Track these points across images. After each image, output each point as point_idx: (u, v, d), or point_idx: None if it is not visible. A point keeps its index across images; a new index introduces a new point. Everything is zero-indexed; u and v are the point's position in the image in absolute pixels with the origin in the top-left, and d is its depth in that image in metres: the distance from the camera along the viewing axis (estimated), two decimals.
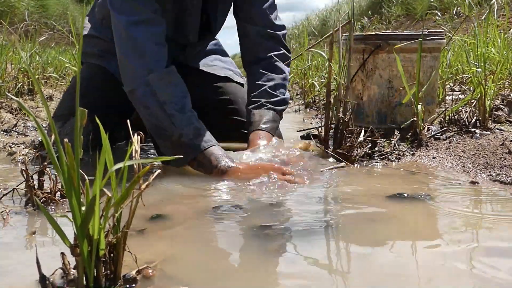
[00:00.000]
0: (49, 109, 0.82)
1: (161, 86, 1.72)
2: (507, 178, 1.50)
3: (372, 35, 2.25)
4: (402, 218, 1.21)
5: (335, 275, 0.91)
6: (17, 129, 2.72)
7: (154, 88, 1.72)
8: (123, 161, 0.77)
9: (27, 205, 1.32)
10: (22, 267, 0.95)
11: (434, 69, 2.22)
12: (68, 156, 0.75)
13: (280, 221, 1.20)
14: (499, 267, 0.91)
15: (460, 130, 2.06)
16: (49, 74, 4.14)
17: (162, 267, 0.92)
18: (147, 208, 1.26)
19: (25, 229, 1.17)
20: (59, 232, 0.79)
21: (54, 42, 7.26)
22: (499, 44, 3.25)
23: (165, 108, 1.70)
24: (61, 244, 0.81)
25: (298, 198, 1.40)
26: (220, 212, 1.27)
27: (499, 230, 1.12)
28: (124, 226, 0.82)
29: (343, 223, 1.18)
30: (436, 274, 0.89)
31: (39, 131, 0.80)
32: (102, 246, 0.79)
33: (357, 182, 1.57)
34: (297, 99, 4.73)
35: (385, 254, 1.00)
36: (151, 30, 1.76)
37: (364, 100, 2.30)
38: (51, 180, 1.34)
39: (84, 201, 0.77)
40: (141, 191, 0.81)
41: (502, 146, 1.76)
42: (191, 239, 1.11)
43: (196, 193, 1.48)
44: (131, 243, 0.87)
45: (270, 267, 0.95)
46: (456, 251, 0.99)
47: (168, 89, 1.73)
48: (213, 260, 0.99)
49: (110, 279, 0.82)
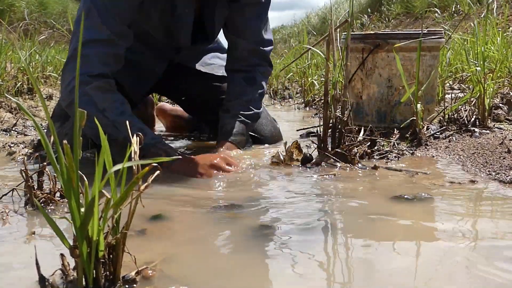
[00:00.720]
0: (48, 109, 0.82)
1: (98, 94, 1.76)
2: (506, 177, 1.50)
3: (371, 34, 2.25)
4: (402, 217, 1.21)
5: (334, 276, 0.91)
6: (17, 128, 2.72)
7: (93, 98, 1.74)
8: (122, 162, 0.77)
9: (26, 205, 1.32)
10: (22, 268, 0.95)
11: (433, 67, 2.22)
12: (67, 157, 0.75)
13: (279, 221, 1.20)
14: (500, 267, 0.91)
15: (460, 129, 2.06)
16: (48, 73, 4.14)
17: (162, 267, 0.92)
18: (146, 208, 1.25)
19: (25, 229, 1.17)
20: (58, 234, 0.79)
21: (53, 41, 7.25)
22: (498, 43, 3.25)
23: (106, 115, 1.73)
24: (60, 245, 0.81)
25: (297, 198, 1.40)
26: (219, 212, 1.27)
27: (499, 229, 1.12)
28: (123, 227, 0.82)
29: (342, 222, 1.19)
30: (436, 274, 0.89)
31: (38, 132, 0.80)
32: (101, 247, 0.79)
33: (356, 181, 1.57)
34: (296, 97, 4.73)
35: (386, 254, 1.00)
36: (104, 50, 1.80)
37: (363, 99, 2.30)
38: (50, 180, 1.34)
39: (83, 202, 0.77)
40: (140, 192, 0.81)
41: (501, 145, 1.76)
42: (190, 240, 1.11)
43: (195, 193, 1.48)
44: (130, 244, 0.87)
45: (270, 267, 0.95)
46: (457, 251, 0.99)
47: (106, 96, 1.77)
48: (212, 260, 0.99)
49: (110, 280, 0.82)
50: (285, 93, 5.02)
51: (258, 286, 0.88)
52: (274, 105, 4.42)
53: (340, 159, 1.75)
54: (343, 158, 1.76)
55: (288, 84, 5.29)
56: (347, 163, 1.74)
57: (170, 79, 2.29)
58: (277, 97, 4.90)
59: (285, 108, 4.21)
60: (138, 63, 2.10)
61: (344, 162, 1.74)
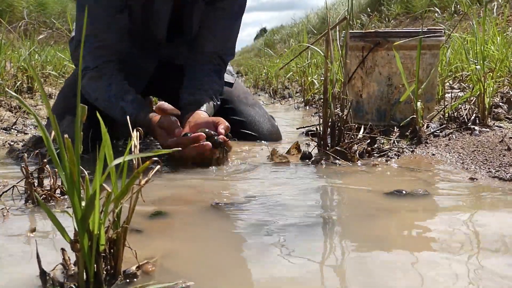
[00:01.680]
0: (49, 105, 0.82)
1: (89, 85, 1.99)
2: (506, 174, 1.50)
3: (371, 33, 2.25)
4: (400, 214, 1.21)
5: (333, 272, 0.91)
6: (17, 127, 2.72)
7: (87, 89, 1.99)
8: (123, 156, 0.77)
9: (27, 202, 1.32)
10: (23, 263, 0.95)
11: (433, 66, 2.22)
12: (68, 151, 0.75)
13: (278, 217, 1.20)
14: (499, 264, 0.91)
15: (460, 127, 2.06)
16: (48, 72, 4.14)
17: (162, 262, 0.92)
18: (147, 205, 1.26)
19: (26, 225, 1.17)
20: (59, 228, 0.79)
21: (53, 40, 7.25)
22: (498, 42, 3.25)
23: (97, 104, 1.96)
24: (61, 240, 0.81)
25: (296, 194, 1.40)
26: (219, 209, 1.27)
27: (498, 227, 1.12)
28: (124, 222, 0.82)
29: (341, 218, 1.19)
30: (434, 272, 0.89)
31: (39, 126, 0.80)
32: (102, 241, 0.79)
33: (356, 178, 1.57)
34: (296, 96, 4.73)
35: (384, 250, 1.00)
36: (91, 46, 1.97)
37: (363, 97, 2.30)
38: (51, 177, 1.34)
39: (84, 196, 0.77)
40: (140, 187, 0.81)
41: (501, 143, 1.76)
42: (191, 236, 1.11)
43: (195, 190, 1.48)
44: (131, 240, 0.88)
45: (269, 263, 0.95)
46: (455, 248, 0.99)
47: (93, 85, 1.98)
48: (212, 255, 1.00)
49: (110, 274, 0.82)
50: (284, 92, 5.02)
51: (257, 281, 0.88)
52: (274, 104, 4.42)
53: (339, 157, 1.76)
54: (343, 156, 1.76)
55: (288, 83, 5.29)
56: (346, 160, 1.75)
57: (164, 79, 2.29)
58: (277, 96, 4.91)
59: (284, 107, 4.21)
60: (126, 62, 2.12)
61: (344, 160, 1.75)
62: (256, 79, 5.67)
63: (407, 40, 2.12)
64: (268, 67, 5.44)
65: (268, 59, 6.10)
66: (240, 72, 6.69)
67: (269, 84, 5.19)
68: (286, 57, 5.90)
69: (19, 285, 0.85)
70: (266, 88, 5.25)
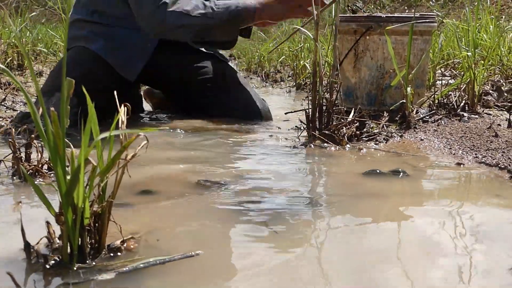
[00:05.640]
0: (38, 83, 0.82)
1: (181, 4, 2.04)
2: (493, 160, 1.51)
3: (364, 17, 2.24)
4: (382, 196, 1.22)
5: (319, 251, 0.92)
6: (5, 103, 2.70)
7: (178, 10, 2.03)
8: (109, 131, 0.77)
9: (14, 177, 1.32)
10: (7, 237, 0.95)
11: (424, 52, 2.22)
12: (54, 124, 0.75)
13: (263, 197, 1.21)
14: (478, 248, 0.93)
15: (449, 113, 2.07)
16: (39, 49, 4.10)
17: (146, 238, 0.93)
18: (134, 183, 1.26)
19: (11, 199, 1.17)
20: (44, 201, 0.79)
21: (45, 18, 7.18)
22: (491, 31, 3.25)
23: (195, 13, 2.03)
24: (47, 214, 0.81)
25: (281, 175, 1.41)
26: (207, 187, 1.28)
27: (480, 210, 1.14)
28: (109, 196, 0.82)
29: (326, 200, 1.20)
30: (416, 254, 0.90)
31: (26, 100, 0.80)
32: (86, 215, 0.80)
33: (342, 160, 1.58)
34: (288, 80, 4.72)
35: (370, 231, 1.01)
36: None
37: (354, 81, 2.30)
38: (38, 152, 1.34)
39: (69, 170, 0.78)
40: (127, 161, 0.81)
41: (489, 130, 1.77)
42: (177, 213, 1.12)
43: (184, 168, 1.49)
44: (117, 216, 0.88)
45: (253, 240, 0.96)
46: (435, 230, 1.01)
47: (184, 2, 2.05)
48: (197, 232, 1.00)
49: (95, 248, 0.83)
50: (277, 76, 5.01)
51: (241, 257, 0.89)
52: (266, 88, 4.41)
53: (328, 140, 1.76)
54: (331, 139, 1.76)
55: (280, 67, 5.28)
56: (335, 144, 1.75)
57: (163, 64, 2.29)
58: (269, 80, 4.89)
59: (276, 91, 4.21)
60: (127, 39, 2.12)
61: (332, 143, 1.75)
62: (249, 62, 5.64)
63: (399, 25, 2.11)
64: (261, 50, 5.41)
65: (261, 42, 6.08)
66: (233, 55, 6.66)
67: (261, 67, 5.17)
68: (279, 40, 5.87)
69: (3, 257, 0.85)
70: (258, 72, 5.23)
